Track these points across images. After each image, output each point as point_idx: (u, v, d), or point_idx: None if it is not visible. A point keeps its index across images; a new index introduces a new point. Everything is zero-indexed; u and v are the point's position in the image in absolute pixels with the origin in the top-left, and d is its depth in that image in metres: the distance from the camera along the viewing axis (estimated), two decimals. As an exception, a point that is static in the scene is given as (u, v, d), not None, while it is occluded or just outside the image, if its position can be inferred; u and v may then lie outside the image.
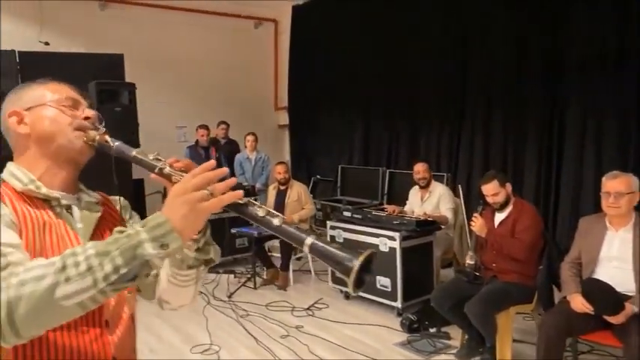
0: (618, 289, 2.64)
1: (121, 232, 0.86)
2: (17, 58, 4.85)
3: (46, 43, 5.40)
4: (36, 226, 0.98)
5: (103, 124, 1.12)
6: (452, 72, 5.95)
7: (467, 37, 5.78)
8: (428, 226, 4.19)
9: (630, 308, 2.52)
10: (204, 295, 4.81)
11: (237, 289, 4.92)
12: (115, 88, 4.79)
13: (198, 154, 6.32)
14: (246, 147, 6.60)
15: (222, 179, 0.92)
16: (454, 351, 3.46)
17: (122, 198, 1.21)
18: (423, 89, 6.32)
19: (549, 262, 3.23)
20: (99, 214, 1.12)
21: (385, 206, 5.16)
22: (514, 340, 3.47)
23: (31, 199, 1.03)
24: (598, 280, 2.65)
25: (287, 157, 8.90)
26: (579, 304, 2.65)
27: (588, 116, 4.72)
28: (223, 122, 7.11)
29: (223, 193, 0.90)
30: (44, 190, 1.05)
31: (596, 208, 3.13)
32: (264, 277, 5.20)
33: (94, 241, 0.90)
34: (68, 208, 1.08)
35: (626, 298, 2.61)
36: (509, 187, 3.27)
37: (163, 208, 0.88)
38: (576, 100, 4.81)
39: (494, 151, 5.55)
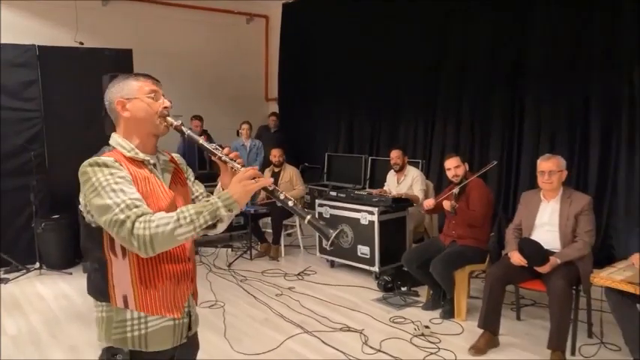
0: (549, 247, 3.36)
1: (207, 201, 1.46)
2: (37, 51, 5.38)
3: (81, 43, 5.92)
4: (141, 180, 1.55)
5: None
6: (428, 68, 6.64)
7: (444, 40, 6.46)
8: (402, 203, 4.87)
9: (554, 260, 3.21)
10: (205, 264, 5.45)
11: (236, 259, 5.58)
12: (126, 81, 5.34)
13: (190, 142, 6.85)
14: (240, 135, 7.18)
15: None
16: (421, 305, 4.15)
17: (179, 155, 1.83)
18: (402, 83, 7.01)
19: (499, 229, 3.92)
20: (172, 169, 1.71)
21: (370, 190, 5.83)
22: (473, 297, 4.18)
23: (134, 161, 1.58)
24: (530, 239, 3.35)
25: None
26: (517, 258, 3.34)
27: (544, 111, 5.44)
28: (274, 114, 8.14)
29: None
30: (141, 155, 1.60)
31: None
32: (259, 249, 5.85)
33: (185, 201, 1.57)
34: (154, 165, 1.65)
35: (553, 254, 3.32)
36: (467, 165, 3.96)
37: (229, 188, 1.48)
38: (533, 98, 5.53)
39: (464, 140, 6.26)
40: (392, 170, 5.41)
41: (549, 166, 3.40)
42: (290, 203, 1.51)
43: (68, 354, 3.45)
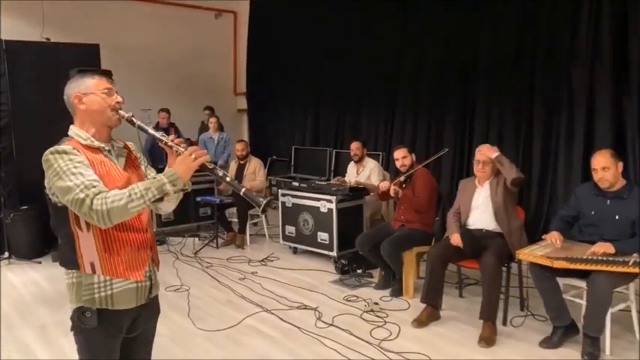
0: (485, 227, 3.74)
1: (154, 177, 1.71)
2: (4, 45, 5.49)
3: (47, 39, 6.02)
4: (97, 164, 1.79)
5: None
6: (388, 66, 6.97)
7: (404, 41, 6.80)
8: (359, 191, 5.18)
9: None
10: (172, 253, 5.66)
11: (202, 247, 5.81)
12: (94, 75, 5.50)
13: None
14: (209, 128, 7.38)
15: None
16: (373, 285, 4.47)
17: (132, 143, 2.05)
18: (365, 80, 7.33)
19: (443, 214, 4.26)
20: (125, 154, 1.95)
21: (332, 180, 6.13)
22: (422, 278, 4.50)
23: (90, 148, 1.82)
24: (471, 234, 3.71)
25: (245, 139, 9.74)
26: (457, 240, 3.68)
27: (493, 108, 5.83)
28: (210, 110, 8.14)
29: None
30: (96, 143, 1.84)
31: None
32: (225, 238, 6.09)
33: (139, 181, 1.77)
34: (109, 151, 1.89)
35: (489, 233, 3.68)
36: (414, 156, 4.29)
37: (174, 166, 1.73)
38: (484, 97, 5.91)
39: (421, 135, 6.62)
40: (352, 161, 5.71)
41: (482, 156, 3.75)
42: (227, 179, 1.78)
43: (38, 333, 3.65)
